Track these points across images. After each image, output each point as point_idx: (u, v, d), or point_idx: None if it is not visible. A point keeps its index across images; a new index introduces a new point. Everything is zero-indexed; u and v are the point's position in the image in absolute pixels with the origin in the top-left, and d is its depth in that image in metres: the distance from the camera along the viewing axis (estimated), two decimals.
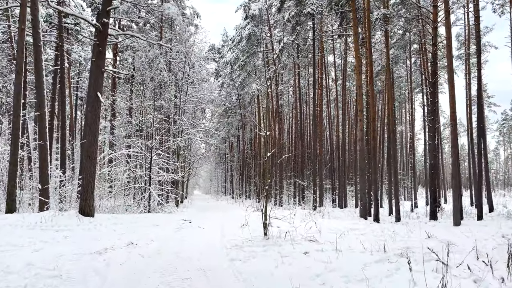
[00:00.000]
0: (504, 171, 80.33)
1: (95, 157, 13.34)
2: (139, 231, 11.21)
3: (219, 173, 66.09)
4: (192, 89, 27.82)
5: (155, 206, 17.53)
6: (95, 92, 13.21)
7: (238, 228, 11.58)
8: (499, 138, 75.01)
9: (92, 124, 13.21)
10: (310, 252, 6.88)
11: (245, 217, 13.62)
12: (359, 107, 16.47)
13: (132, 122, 21.33)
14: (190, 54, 24.54)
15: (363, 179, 16.15)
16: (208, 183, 76.53)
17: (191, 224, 13.14)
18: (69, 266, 6.38)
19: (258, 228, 10.97)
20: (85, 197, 12.93)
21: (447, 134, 58.16)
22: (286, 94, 42.96)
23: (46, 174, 15.45)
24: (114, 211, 17.10)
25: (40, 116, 15.73)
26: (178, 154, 22.95)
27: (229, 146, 55.47)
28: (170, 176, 18.49)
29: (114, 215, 14.10)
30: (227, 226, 12.47)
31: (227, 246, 8.42)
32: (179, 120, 22.77)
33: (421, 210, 27.28)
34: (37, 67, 15.97)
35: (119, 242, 8.92)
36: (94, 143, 13.25)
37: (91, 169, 13.14)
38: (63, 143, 20.00)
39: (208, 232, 11.08)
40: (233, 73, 37.54)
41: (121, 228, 11.60)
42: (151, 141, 17.75)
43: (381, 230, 10.28)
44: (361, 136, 16.46)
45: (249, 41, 30.42)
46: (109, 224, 12.17)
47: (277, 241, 8.35)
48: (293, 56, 27.93)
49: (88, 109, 13.47)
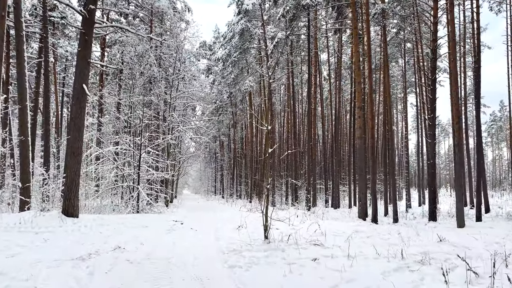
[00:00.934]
0: (492, 171, 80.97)
1: (80, 154, 12.47)
2: (127, 233, 10.39)
3: (208, 172, 65.17)
4: (183, 85, 26.95)
5: (144, 206, 16.67)
6: (80, 84, 12.34)
7: (233, 230, 10.85)
8: (486, 139, 75.51)
9: (77, 118, 12.33)
10: (320, 259, 6.18)
11: (241, 218, 12.91)
12: (358, 104, 15.87)
13: (120, 118, 20.41)
14: (181, 49, 23.68)
15: (362, 178, 15.56)
16: (197, 183, 75.51)
17: (182, 226, 12.36)
18: (47, 275, 5.57)
19: (256, 230, 10.26)
20: (69, 196, 12.05)
21: (436, 134, 58.10)
22: (277, 92, 42.31)
23: (27, 172, 14.52)
24: (101, 211, 16.20)
25: (21, 110, 14.79)
26: (168, 152, 22.07)
27: (220, 145, 54.60)
28: (160, 174, 17.63)
29: (100, 216, 13.24)
30: (221, 227, 11.73)
31: (224, 251, 7.69)
32: (169, 117, 21.88)
33: (416, 211, 26.89)
34: (18, 58, 15.03)
35: (105, 246, 8.12)
36: (79, 138, 12.37)
37: (75, 166, 12.26)
38: (47, 139, 19.01)
39: (201, 235, 10.32)
40: (224, 70, 36.70)
41: (108, 230, 10.77)
42: (140, 138, 16.88)
43: (388, 232, 9.65)
44: (360, 134, 15.85)
45: (241, 37, 29.64)
46: (94, 225, 11.32)
47: (279, 245, 7.63)
48: (286, 53, 27.27)
49: (73, 102, 12.59)
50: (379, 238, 8.72)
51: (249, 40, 29.79)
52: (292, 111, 29.22)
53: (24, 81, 14.88)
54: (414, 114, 52.81)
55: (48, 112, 19.46)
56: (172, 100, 22.90)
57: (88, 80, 12.79)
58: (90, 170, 16.58)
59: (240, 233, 9.97)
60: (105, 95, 22.47)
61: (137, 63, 20.97)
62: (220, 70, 39.04)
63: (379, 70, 30.39)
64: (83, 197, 16.21)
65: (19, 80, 14.84)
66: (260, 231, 10.06)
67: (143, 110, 17.24)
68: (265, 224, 8.19)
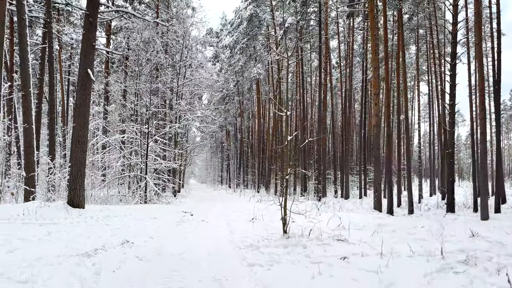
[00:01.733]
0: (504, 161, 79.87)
1: (86, 142, 11.93)
2: (135, 225, 9.89)
3: (215, 162, 64.72)
4: (190, 73, 26.28)
5: (151, 196, 16.17)
6: (85, 69, 11.74)
7: (247, 223, 10.29)
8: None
9: (82, 105, 11.76)
10: (349, 258, 5.59)
11: (253, 209, 12.37)
12: (374, 90, 15.12)
13: (126, 106, 19.83)
14: (188, 35, 22.93)
15: (377, 168, 14.91)
16: (204, 172, 75.17)
17: (192, 217, 11.83)
18: (48, 274, 5.04)
19: (271, 223, 9.70)
20: (74, 186, 11.55)
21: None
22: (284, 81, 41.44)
23: (31, 161, 14.05)
24: (107, 201, 15.74)
25: (25, 97, 14.26)
26: (175, 141, 21.50)
27: (226, 134, 54.02)
28: (168, 164, 17.08)
29: (106, 207, 12.75)
30: (233, 219, 11.19)
31: (240, 246, 7.13)
32: (176, 105, 21.26)
33: (429, 202, 26.17)
34: (21, 43, 14.45)
35: (112, 240, 7.60)
36: (84, 126, 11.82)
37: (81, 155, 11.74)
38: (52, 127, 18.49)
39: (213, 227, 9.78)
40: (232, 58, 35.87)
41: (115, 222, 10.27)
42: (147, 126, 16.30)
43: (413, 226, 9.04)
44: (376, 122, 15.15)
45: (250, 23, 28.78)
46: (101, 217, 10.84)
47: (300, 240, 7.05)
48: (296, 39, 26.44)
49: (78, 88, 12.01)
50: (405, 232, 8.11)
51: (258, 26, 28.92)
52: (301, 100, 28.46)
53: (27, 67, 14.32)
54: (423, 103, 51.82)
55: (53, 100, 18.91)
56: (180, 87, 22.25)
57: (93, 65, 12.19)
58: (96, 159, 16.05)
59: (255, 226, 9.41)
60: (111, 82, 21.87)
61: (143, 49, 20.30)
62: (227, 58, 38.20)
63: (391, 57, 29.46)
64: (89, 187, 15.74)
65: (22, 65, 14.28)
66: (276, 224, 9.50)
67: (150, 97, 16.63)
68: (283, 217, 7.60)
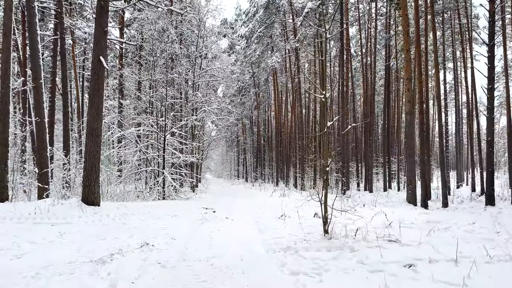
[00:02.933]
0: None
1: (99, 135, 11.15)
2: (154, 224, 9.08)
3: (231, 156, 63.98)
4: (206, 63, 25.41)
5: (170, 192, 15.41)
6: (97, 56, 10.94)
7: (276, 220, 9.38)
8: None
9: (95, 95, 10.97)
10: (416, 265, 4.62)
11: (281, 205, 11.44)
12: (407, 75, 13.96)
13: (142, 98, 19.06)
14: (203, 24, 21.97)
15: (411, 159, 13.79)
16: (219, 166, 74.54)
17: (215, 214, 10.97)
18: (56, 286, 4.22)
19: (304, 221, 8.76)
20: (88, 183, 10.81)
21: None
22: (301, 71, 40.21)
23: (44, 156, 13.38)
24: (124, 198, 15.03)
25: (36, 89, 13.56)
26: (193, 134, 20.70)
27: (242, 127, 53.14)
28: (187, 157, 16.27)
29: (123, 204, 12.00)
30: (260, 216, 10.28)
31: (274, 249, 6.22)
32: (193, 96, 20.40)
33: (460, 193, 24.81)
34: (31, 32, 13.72)
35: (130, 242, 6.78)
36: (98, 118, 11.05)
37: (95, 149, 10.98)
38: (66, 122, 17.90)
39: (240, 226, 8.89)
40: (247, 48, 34.82)
41: (132, 221, 9.49)
42: (164, 119, 15.48)
43: (466, 222, 7.97)
44: (409, 109, 13.99)
45: (266, 10, 27.67)
46: (117, 215, 10.08)
47: (345, 242, 6.10)
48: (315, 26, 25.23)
49: (91, 77, 11.23)
50: (462, 230, 7.07)
51: (275, 13, 27.78)
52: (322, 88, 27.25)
53: (38, 57, 13.61)
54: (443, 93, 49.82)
55: (66, 93, 18.29)
56: (196, 78, 21.37)
57: (106, 52, 11.38)
58: (112, 153, 15.35)
59: (286, 224, 8.49)
60: (125, 75, 21.15)
61: (157, 39, 19.46)
62: (242, 49, 37.14)
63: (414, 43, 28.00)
64: (105, 183, 15.06)
65: (32, 56, 13.56)
66: (310, 222, 8.57)
67: (166, 88, 15.78)
68: (324, 215, 6.64)
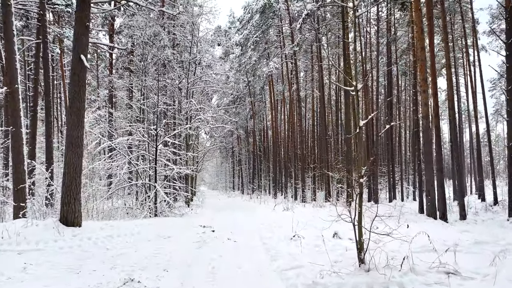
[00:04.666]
0: None
1: (81, 145, 9.71)
2: (143, 249, 7.63)
3: (226, 167, 62.45)
4: (200, 71, 24.13)
5: (163, 208, 13.94)
6: (77, 55, 9.56)
7: (287, 242, 7.96)
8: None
9: (75, 99, 9.56)
10: None
11: (291, 222, 10.00)
12: (421, 76, 12.73)
13: (132, 106, 17.65)
14: (197, 27, 20.73)
15: (429, 166, 12.51)
16: (214, 178, 72.86)
17: (215, 234, 9.52)
18: None
19: (322, 243, 7.34)
20: (68, 200, 9.33)
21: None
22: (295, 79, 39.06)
23: (21, 170, 11.86)
24: (112, 215, 13.51)
25: (12, 95, 12.08)
26: (187, 144, 19.28)
27: (237, 138, 51.76)
28: (182, 169, 14.83)
29: (109, 223, 10.50)
30: (267, 236, 8.84)
31: (296, 285, 4.81)
32: (187, 103, 19.02)
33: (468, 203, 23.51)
34: (6, 33, 12.33)
35: (110, 276, 5.34)
36: (79, 124, 9.61)
37: (76, 161, 9.53)
38: (48, 132, 16.33)
39: (246, 250, 7.46)
40: (242, 56, 33.62)
41: (118, 244, 8.03)
42: (156, 127, 14.07)
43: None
44: (426, 112, 12.77)
45: (263, 15, 26.57)
46: (101, 237, 8.59)
47: (391, 276, 4.71)
48: (314, 30, 24.18)
49: (70, 79, 9.84)
50: None
51: (272, 17, 26.70)
52: (321, 96, 26.10)
53: (14, 60, 12.16)
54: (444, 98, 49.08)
55: (49, 101, 16.76)
56: (190, 85, 20.03)
57: (87, 51, 10.01)
58: (98, 166, 13.88)
59: (302, 247, 7.07)
60: (114, 81, 19.74)
61: (148, 43, 18.18)
62: (237, 57, 35.94)
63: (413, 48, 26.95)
64: (90, 199, 13.55)
65: (7, 59, 12.15)
66: (330, 244, 7.19)
67: (158, 94, 14.41)
68: (359, 240, 5.24)
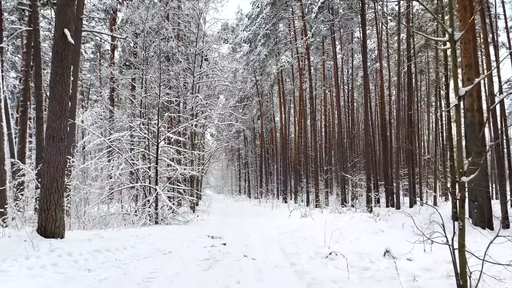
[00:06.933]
0: None
1: (64, 138, 7.97)
2: (135, 270, 5.86)
3: (232, 170, 60.64)
4: (206, 65, 22.43)
5: (165, 214, 12.20)
6: (61, 29, 7.85)
7: (322, 261, 6.15)
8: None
9: (57, 83, 7.83)
10: None
11: (313, 231, 8.16)
12: (465, 61, 10.89)
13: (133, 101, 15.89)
14: (203, 18, 19.01)
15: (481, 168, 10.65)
16: (220, 182, 71.01)
17: (226, 249, 7.72)
18: None
19: (370, 264, 5.54)
20: (47, 206, 7.59)
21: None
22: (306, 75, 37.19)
23: (1, 171, 10.25)
24: (107, 222, 11.78)
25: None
26: (192, 143, 17.52)
27: (244, 140, 49.96)
28: (186, 170, 13.07)
29: (100, 233, 8.74)
30: (293, 252, 7.02)
31: None
32: (194, 98, 17.24)
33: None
34: None
35: None
36: (61, 114, 7.88)
37: (57, 158, 7.80)
38: (39, 129, 14.71)
39: (269, 273, 5.66)
40: (250, 54, 31.92)
41: (105, 263, 6.27)
42: (157, 121, 12.35)
43: None
44: (471, 104, 10.94)
45: (273, 7, 24.89)
46: (85, 252, 6.84)
47: None
48: (329, 22, 22.44)
49: (52, 59, 8.13)
50: None
51: (284, 8, 24.99)
52: (337, 93, 24.28)
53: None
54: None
55: (40, 95, 15.11)
56: (196, 79, 18.29)
57: (72, 24, 8.29)
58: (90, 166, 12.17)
59: (347, 272, 5.26)
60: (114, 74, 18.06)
61: (151, 33, 16.51)
62: (245, 54, 34.23)
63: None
64: (82, 204, 11.83)
65: None
66: (383, 266, 5.36)
67: (160, 83, 12.68)
68: (462, 271, 3.42)
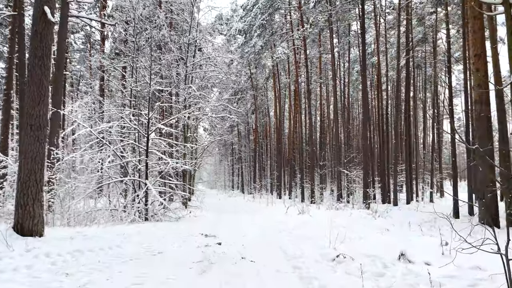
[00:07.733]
0: None
1: (43, 126, 7.28)
2: (120, 274, 5.19)
3: (225, 165, 59.92)
4: (200, 56, 21.69)
5: (155, 210, 11.53)
6: (40, 6, 7.10)
7: (329, 265, 5.55)
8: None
9: (36, 66, 7.11)
10: None
11: (313, 229, 7.56)
12: (475, 50, 10.30)
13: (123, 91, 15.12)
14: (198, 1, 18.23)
15: (486, 163, 10.14)
16: (212, 177, 70.25)
17: (222, 249, 7.08)
18: None
19: (383, 269, 4.95)
20: (24, 201, 6.90)
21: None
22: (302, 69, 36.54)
23: None
24: (93, 218, 11.07)
25: None
26: (185, 136, 16.81)
27: (237, 134, 49.24)
28: (178, 164, 12.39)
29: (83, 231, 8.06)
30: (297, 255, 6.39)
31: None
32: (187, 89, 16.49)
33: None
34: None
35: None
36: (40, 100, 7.18)
37: (35, 149, 7.11)
38: (23, 119, 13.88)
39: (271, 278, 5.04)
40: (245, 45, 31.17)
41: (85, 266, 5.58)
42: (148, 111, 11.64)
43: None
44: (480, 96, 10.25)
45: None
46: (65, 252, 6.15)
47: None
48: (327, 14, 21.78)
49: (30, 39, 7.39)
50: None
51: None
52: (334, 86, 23.70)
53: None
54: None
55: (24, 83, 14.26)
56: (189, 68, 17.55)
57: (54, 2, 7.54)
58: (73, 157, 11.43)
59: (359, 277, 4.65)
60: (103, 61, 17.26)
61: (142, 20, 15.74)
62: (239, 46, 33.44)
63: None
64: (67, 198, 11.10)
65: None
66: (399, 272, 4.77)
67: (151, 71, 11.96)
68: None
